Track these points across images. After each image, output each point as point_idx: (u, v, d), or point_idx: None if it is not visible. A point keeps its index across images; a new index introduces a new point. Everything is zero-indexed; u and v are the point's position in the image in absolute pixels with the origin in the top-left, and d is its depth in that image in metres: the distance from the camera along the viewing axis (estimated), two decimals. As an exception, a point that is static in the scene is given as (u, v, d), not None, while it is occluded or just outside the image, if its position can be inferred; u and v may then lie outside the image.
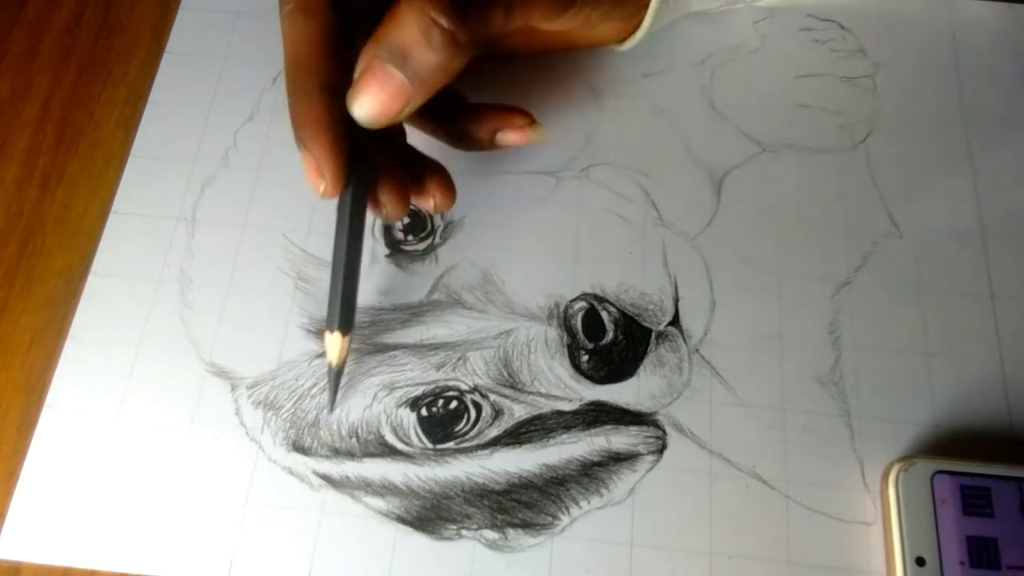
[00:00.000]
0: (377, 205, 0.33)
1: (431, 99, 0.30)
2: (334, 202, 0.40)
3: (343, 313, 0.32)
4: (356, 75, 0.30)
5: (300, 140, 0.30)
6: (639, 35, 0.39)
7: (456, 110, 0.36)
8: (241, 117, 0.41)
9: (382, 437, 0.35)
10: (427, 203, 0.35)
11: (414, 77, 0.29)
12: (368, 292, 0.37)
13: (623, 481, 0.34)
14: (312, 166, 0.30)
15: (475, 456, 0.34)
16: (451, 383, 0.35)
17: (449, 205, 0.35)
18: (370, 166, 0.32)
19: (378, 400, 0.35)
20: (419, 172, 0.35)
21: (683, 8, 0.40)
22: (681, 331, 0.37)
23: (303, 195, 0.39)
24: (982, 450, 0.34)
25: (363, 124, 0.30)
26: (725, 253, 0.38)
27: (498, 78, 0.42)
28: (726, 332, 0.37)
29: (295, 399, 0.35)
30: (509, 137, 0.36)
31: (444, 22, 0.28)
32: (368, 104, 0.29)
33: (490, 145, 0.36)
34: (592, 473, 0.34)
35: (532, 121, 0.36)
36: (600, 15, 0.36)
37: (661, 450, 0.35)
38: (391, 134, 0.34)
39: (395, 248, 0.38)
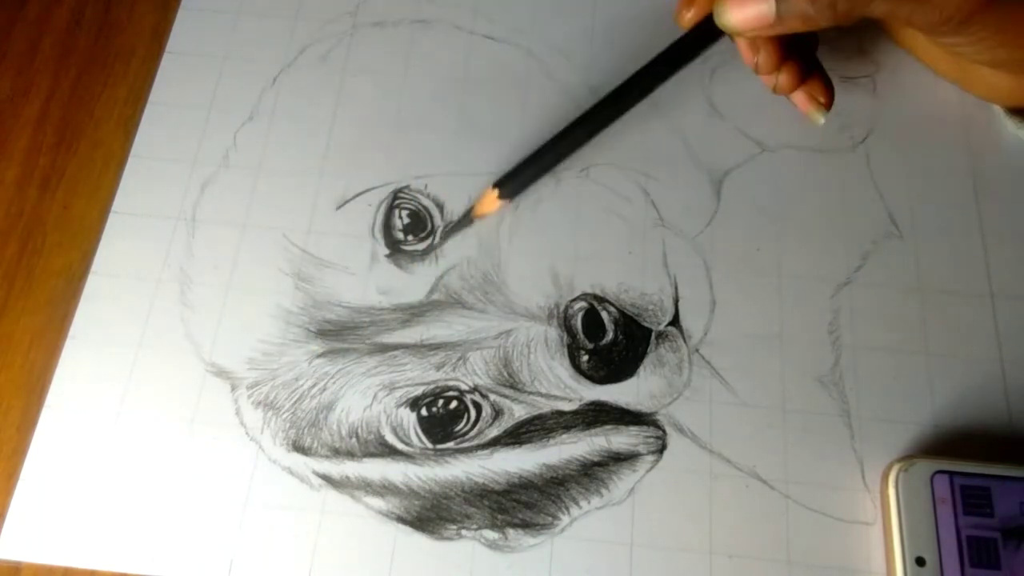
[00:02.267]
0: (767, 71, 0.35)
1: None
2: (331, 203, 0.40)
3: (513, 178, 0.34)
4: None
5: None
6: None
7: (801, 50, 0.36)
8: (241, 117, 0.41)
9: (382, 437, 0.35)
10: (816, 103, 0.36)
11: (781, 14, 0.31)
12: (368, 292, 0.37)
13: (623, 481, 0.34)
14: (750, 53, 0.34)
15: (475, 456, 0.34)
16: (451, 383, 0.35)
17: (829, 104, 0.36)
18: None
19: (378, 400, 0.35)
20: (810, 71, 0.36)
21: None
22: (681, 331, 0.37)
23: (303, 195, 0.39)
24: (982, 450, 0.34)
25: (718, 25, 0.33)
26: (725, 253, 0.38)
27: (493, 76, 0.42)
28: (726, 332, 0.37)
29: (295, 399, 0.35)
30: (798, 99, 0.37)
31: None
32: (729, 14, 0.32)
33: (783, 92, 0.36)
34: (592, 473, 0.34)
35: (824, 106, 0.36)
36: (990, 52, 0.34)
37: (661, 450, 0.35)
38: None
39: (395, 248, 0.38)
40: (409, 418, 0.35)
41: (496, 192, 0.34)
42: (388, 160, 0.40)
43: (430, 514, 0.34)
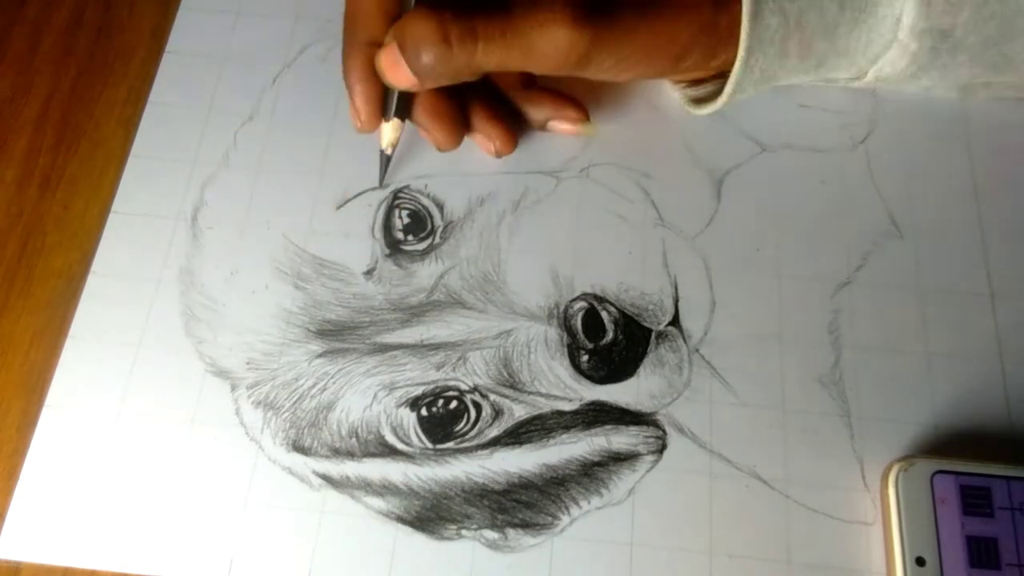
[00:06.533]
0: (426, 132, 0.38)
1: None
2: (331, 203, 0.40)
3: (400, 103, 0.36)
4: (385, 41, 0.34)
5: (346, 85, 0.36)
6: (720, 102, 0.36)
7: (516, 87, 0.39)
8: (241, 117, 0.41)
9: (382, 437, 0.35)
10: (484, 145, 0.39)
11: (413, 72, 0.33)
12: (368, 292, 0.37)
13: (623, 481, 0.34)
14: (351, 110, 0.36)
15: (475, 456, 0.34)
16: (451, 383, 0.35)
17: (507, 151, 0.39)
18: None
19: (378, 400, 0.35)
20: (488, 114, 0.38)
21: (769, 80, 0.36)
22: (681, 331, 0.37)
23: (303, 195, 0.39)
24: (982, 450, 0.34)
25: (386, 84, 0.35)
26: (725, 253, 0.38)
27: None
28: (726, 332, 0.37)
29: (295, 399, 0.35)
30: (561, 127, 0.39)
31: (429, 54, 0.32)
32: (382, 73, 0.34)
33: (541, 128, 0.39)
34: (592, 473, 0.34)
35: (584, 116, 0.39)
36: (622, 75, 0.35)
37: (661, 450, 0.35)
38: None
39: (395, 248, 0.38)
40: (409, 418, 0.35)
41: (395, 121, 0.37)
42: (388, 160, 0.40)
43: (430, 514, 0.34)
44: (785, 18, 0.33)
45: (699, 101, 0.39)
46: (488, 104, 0.38)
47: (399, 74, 0.33)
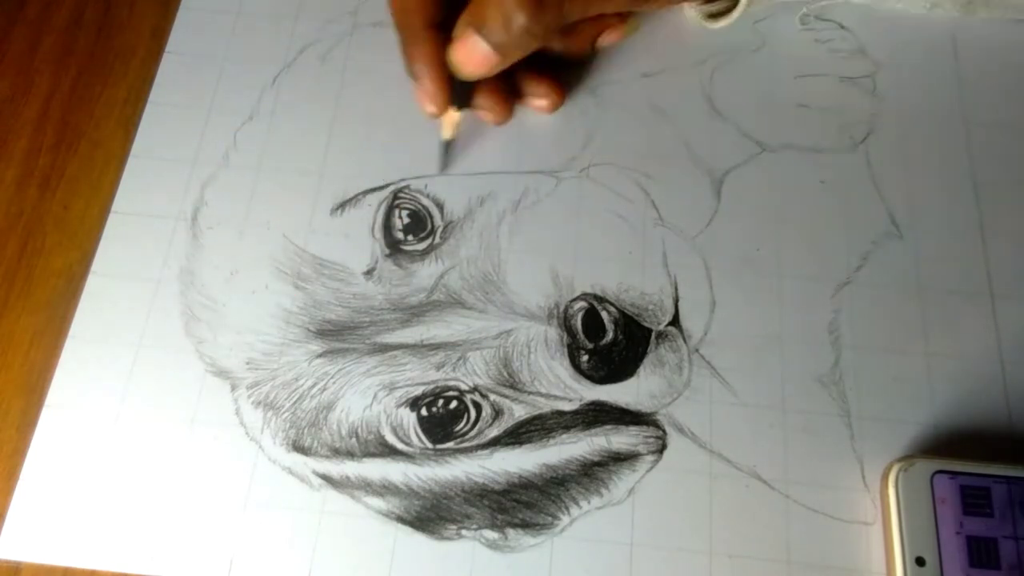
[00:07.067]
0: (485, 110, 0.39)
1: None
2: (331, 203, 0.40)
3: (460, 93, 0.37)
4: (454, 35, 0.34)
5: (411, 73, 0.36)
6: (735, 14, 0.38)
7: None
8: (241, 117, 0.41)
9: (382, 437, 0.35)
10: (538, 103, 0.39)
11: (497, 48, 0.33)
12: (368, 292, 0.37)
13: (623, 481, 0.34)
14: (423, 95, 0.36)
15: (475, 456, 0.34)
16: (451, 383, 0.35)
17: (559, 102, 0.40)
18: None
19: (378, 400, 0.35)
20: (533, 74, 0.39)
21: None
22: (681, 331, 0.37)
23: (303, 195, 0.39)
24: (982, 450, 0.34)
25: (460, 77, 0.35)
26: (725, 253, 0.38)
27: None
28: (726, 332, 0.37)
29: (295, 399, 0.35)
30: (610, 38, 0.40)
31: (523, 15, 0.32)
32: (460, 65, 0.34)
33: (588, 51, 0.41)
34: (592, 473, 0.34)
35: (624, 19, 0.40)
36: None
37: (661, 450, 0.35)
38: None
39: (395, 248, 0.38)
40: (409, 418, 0.35)
41: (457, 111, 0.37)
42: (388, 160, 0.40)
43: (430, 514, 0.34)
44: None
45: (715, 16, 0.40)
46: (530, 65, 0.38)
47: (476, 60, 0.33)
